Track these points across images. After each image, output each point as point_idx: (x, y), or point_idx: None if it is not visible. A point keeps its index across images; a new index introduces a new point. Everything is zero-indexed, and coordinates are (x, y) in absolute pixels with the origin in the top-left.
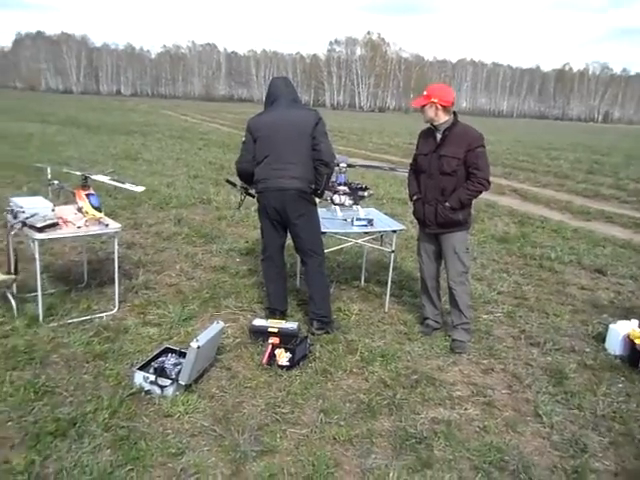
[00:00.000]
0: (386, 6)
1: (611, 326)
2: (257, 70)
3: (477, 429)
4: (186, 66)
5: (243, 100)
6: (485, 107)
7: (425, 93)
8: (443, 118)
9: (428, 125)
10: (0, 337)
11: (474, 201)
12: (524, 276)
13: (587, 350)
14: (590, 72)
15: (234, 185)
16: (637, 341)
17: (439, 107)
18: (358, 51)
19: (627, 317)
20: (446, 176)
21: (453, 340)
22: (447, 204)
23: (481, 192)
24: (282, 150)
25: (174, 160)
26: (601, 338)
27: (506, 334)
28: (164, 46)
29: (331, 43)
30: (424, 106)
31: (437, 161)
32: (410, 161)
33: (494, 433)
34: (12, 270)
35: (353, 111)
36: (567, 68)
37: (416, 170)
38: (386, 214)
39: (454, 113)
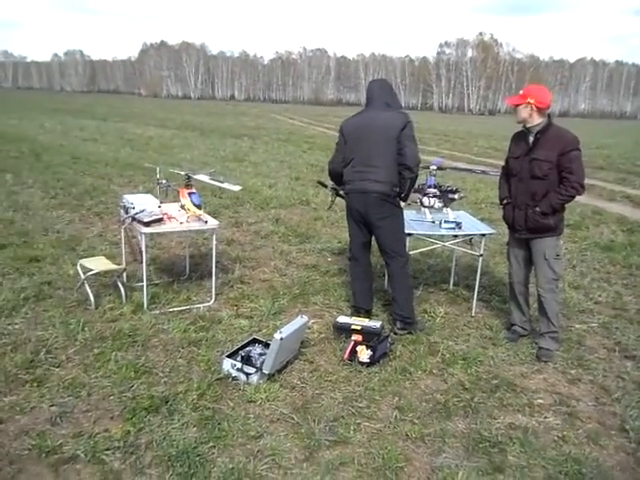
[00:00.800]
0: (499, 6)
1: None
2: (366, 74)
3: (556, 438)
4: (296, 71)
5: (351, 104)
6: (606, 109)
7: (521, 92)
8: (537, 120)
9: (521, 127)
10: (109, 321)
11: (576, 207)
12: (627, 286)
13: None
14: None
15: (325, 186)
16: None
17: (534, 108)
18: (469, 53)
19: None
20: (537, 180)
21: (539, 348)
22: (537, 209)
23: (574, 197)
24: (367, 153)
25: (278, 162)
26: None
27: (599, 345)
28: (276, 52)
29: (441, 45)
30: (518, 105)
31: (528, 164)
32: (504, 164)
33: (573, 444)
34: (135, 259)
35: (462, 114)
36: None
37: (507, 173)
38: (482, 219)
39: (549, 116)
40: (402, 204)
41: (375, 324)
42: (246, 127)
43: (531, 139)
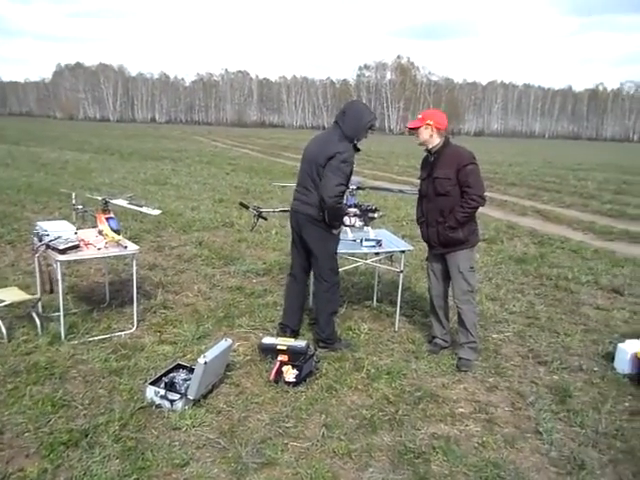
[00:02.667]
0: (415, 31)
1: (620, 345)
2: (288, 96)
3: (476, 445)
4: (219, 93)
5: (275, 126)
6: (517, 129)
7: (420, 116)
8: (436, 141)
9: (425, 150)
10: (23, 354)
11: (491, 222)
12: (538, 296)
13: (595, 369)
14: (625, 91)
15: (247, 207)
16: None
17: (434, 129)
18: (388, 75)
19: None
20: (441, 197)
21: (459, 358)
22: (446, 224)
23: (476, 209)
24: (302, 175)
25: (201, 185)
26: (611, 357)
27: (514, 353)
28: (197, 74)
29: (360, 68)
30: (419, 128)
31: (432, 184)
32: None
33: (492, 449)
34: (47, 289)
35: (383, 134)
36: (600, 88)
37: (420, 194)
38: (404, 236)
39: (446, 137)
40: (334, 231)
41: (300, 343)
42: (167, 149)
43: (431, 159)
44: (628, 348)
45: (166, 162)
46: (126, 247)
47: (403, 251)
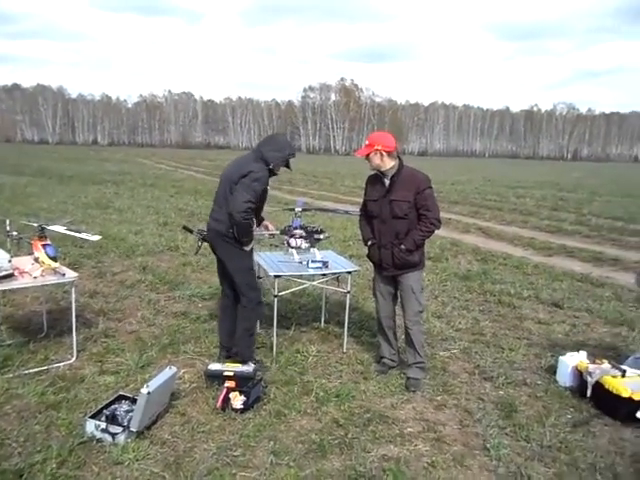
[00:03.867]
0: (358, 54)
1: (561, 358)
2: (233, 117)
3: (425, 465)
4: (163, 114)
5: (220, 147)
6: (458, 148)
7: (367, 142)
8: (389, 164)
9: (374, 171)
10: None
11: (436, 240)
12: (483, 312)
13: (539, 383)
14: (557, 112)
15: (191, 231)
16: (584, 372)
17: (384, 154)
18: (332, 97)
19: (580, 349)
20: (399, 220)
21: (408, 378)
22: (402, 246)
23: (433, 232)
24: (217, 194)
25: (145, 208)
26: (553, 371)
27: (461, 370)
28: (140, 95)
29: (305, 90)
30: (369, 155)
31: (388, 206)
32: (361, 207)
33: (442, 468)
34: None
35: (329, 155)
36: (535, 109)
37: (367, 215)
38: (351, 256)
39: (399, 157)
40: (244, 248)
41: (248, 368)
42: (110, 172)
43: (387, 182)
44: (569, 361)
45: (108, 185)
46: (64, 274)
47: (350, 272)
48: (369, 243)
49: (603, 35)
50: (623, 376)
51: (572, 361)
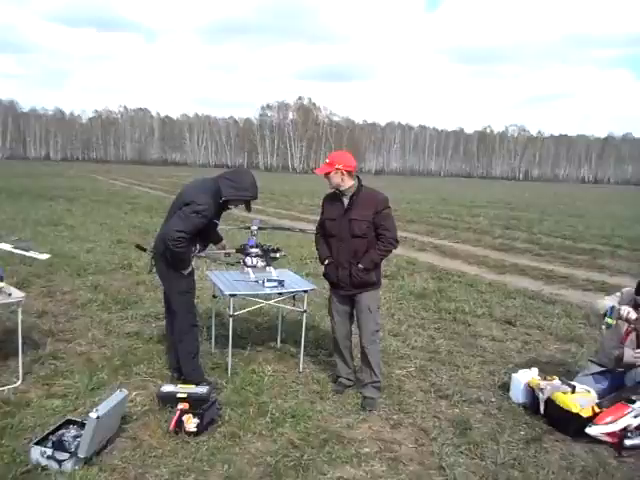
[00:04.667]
0: (316, 74)
1: (513, 375)
2: (190, 134)
3: None
4: (118, 130)
5: (177, 164)
6: (414, 167)
7: (328, 161)
8: (349, 183)
9: (332, 190)
10: None
11: (393, 259)
12: (439, 330)
13: (493, 400)
14: (509, 134)
15: (144, 250)
16: (536, 388)
17: (344, 173)
18: (290, 115)
19: (533, 366)
20: (357, 239)
21: (364, 397)
22: (360, 266)
23: (391, 251)
24: (169, 211)
25: (98, 225)
26: (506, 387)
27: (417, 388)
28: (96, 111)
29: (263, 108)
30: (329, 173)
31: (347, 225)
32: (317, 225)
33: None
34: None
35: (286, 173)
36: (488, 130)
37: (325, 234)
38: (308, 274)
39: (358, 178)
40: (182, 271)
41: (202, 389)
42: (62, 188)
43: (346, 201)
44: (521, 378)
45: (60, 201)
46: (10, 294)
47: (306, 291)
48: (326, 262)
49: (552, 61)
50: (573, 392)
51: (524, 378)
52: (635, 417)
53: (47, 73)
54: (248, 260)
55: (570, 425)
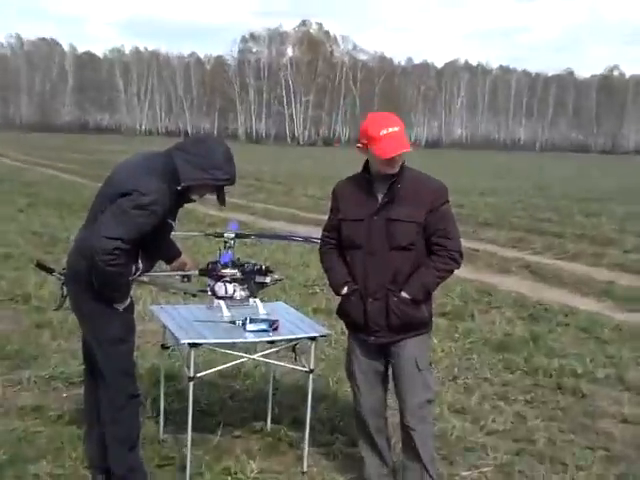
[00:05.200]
0: None
1: None
2: (126, 82)
3: None
4: (8, 74)
5: (105, 130)
6: (489, 135)
7: (397, 128)
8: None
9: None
10: None
11: (454, 286)
12: (531, 404)
13: None
14: None
15: (50, 271)
16: None
17: None
18: (289, 51)
19: None
20: (400, 252)
21: None
22: (405, 295)
23: (453, 271)
24: (90, 211)
25: None
26: None
27: None
28: None
29: (244, 40)
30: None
31: (384, 229)
32: (326, 232)
33: None
34: None
35: (282, 145)
36: (616, 73)
37: (342, 245)
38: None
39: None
40: (115, 305)
41: None
42: None
43: (381, 192)
44: None
45: None
46: None
47: (314, 338)
48: (345, 290)
49: None
50: None
51: None
52: None
53: None
54: (220, 288)
55: None
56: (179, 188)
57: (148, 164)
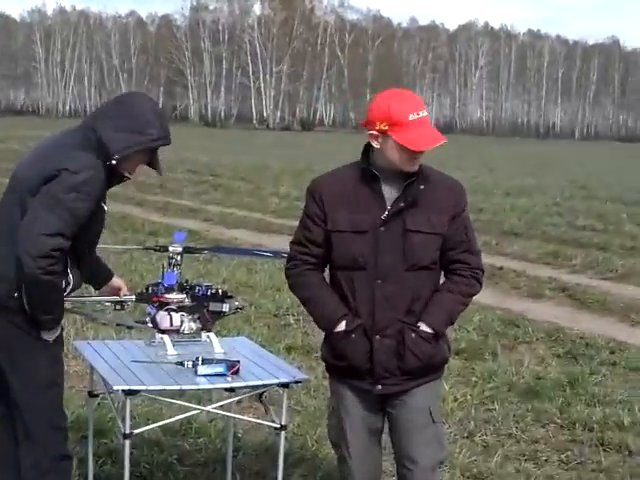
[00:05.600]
0: None
1: None
2: (47, 48)
3: None
4: None
5: (17, 111)
6: (517, 119)
7: (426, 113)
8: None
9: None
10: None
11: (471, 314)
12: (567, 465)
13: None
14: None
15: None
16: None
17: None
18: (256, 9)
19: None
20: (418, 272)
21: None
22: (425, 328)
23: (475, 294)
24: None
25: None
26: None
27: None
28: None
29: None
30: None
31: (399, 244)
32: (301, 247)
33: None
34: None
35: (248, 128)
36: None
37: (334, 265)
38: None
39: None
40: (44, 335)
41: None
42: None
43: (392, 194)
44: None
45: None
46: None
47: (286, 384)
48: (342, 326)
49: None
50: None
51: None
52: None
53: None
54: (163, 318)
55: None
56: (112, 162)
57: (66, 140)
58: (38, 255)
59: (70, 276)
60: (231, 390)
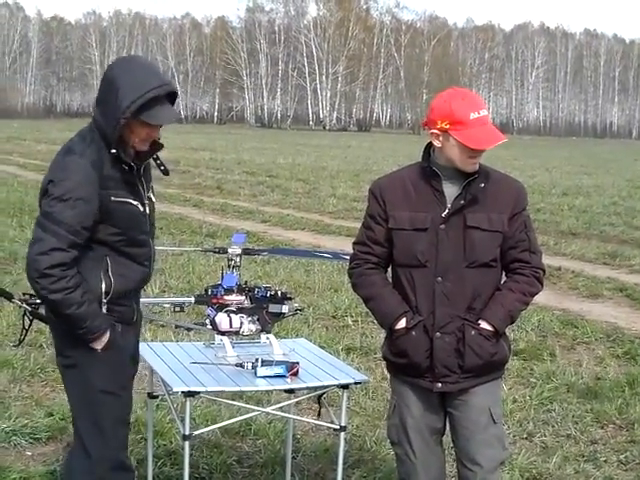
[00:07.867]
0: None
1: None
2: (103, 52)
3: None
4: None
5: (73, 114)
6: (575, 119)
7: (485, 112)
8: None
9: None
10: None
11: (530, 315)
12: (626, 465)
13: None
14: None
15: (9, 297)
16: None
17: None
18: (311, 10)
19: None
20: (479, 270)
21: None
22: (486, 326)
23: (537, 294)
24: None
25: None
26: None
27: None
28: None
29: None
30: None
31: (460, 240)
32: (363, 246)
33: None
34: None
35: (303, 129)
36: None
37: (396, 263)
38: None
39: None
40: (94, 343)
41: None
42: None
43: (452, 191)
44: None
45: None
46: None
47: (346, 385)
48: (402, 323)
49: None
50: None
51: None
52: None
53: None
54: (222, 320)
55: None
56: (113, 151)
57: (66, 144)
58: (37, 277)
59: (110, 276)
60: (290, 391)
